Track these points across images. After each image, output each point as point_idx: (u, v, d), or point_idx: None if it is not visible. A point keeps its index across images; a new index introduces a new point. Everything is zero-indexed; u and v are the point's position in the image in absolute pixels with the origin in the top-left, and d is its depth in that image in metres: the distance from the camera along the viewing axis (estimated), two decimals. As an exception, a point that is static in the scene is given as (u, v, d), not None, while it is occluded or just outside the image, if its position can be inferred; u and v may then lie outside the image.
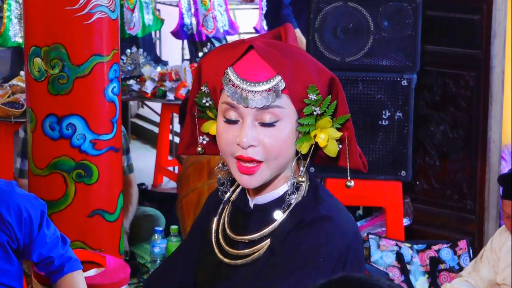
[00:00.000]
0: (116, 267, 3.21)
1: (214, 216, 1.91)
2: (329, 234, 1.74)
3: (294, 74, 1.75)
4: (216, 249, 1.87)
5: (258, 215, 1.83)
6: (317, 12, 4.30)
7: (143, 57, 6.84)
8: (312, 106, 1.76)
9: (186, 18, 7.51)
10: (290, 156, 1.79)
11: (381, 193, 4.42)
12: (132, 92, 6.31)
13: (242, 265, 1.81)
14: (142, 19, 6.90)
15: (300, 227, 1.75)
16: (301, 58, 1.77)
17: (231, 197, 1.91)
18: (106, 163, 3.50)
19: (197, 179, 4.26)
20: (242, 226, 1.85)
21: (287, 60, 1.75)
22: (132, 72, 6.70)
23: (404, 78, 4.32)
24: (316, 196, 1.81)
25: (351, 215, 1.84)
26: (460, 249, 4.31)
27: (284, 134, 1.76)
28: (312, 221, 1.75)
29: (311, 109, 1.76)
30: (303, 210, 1.78)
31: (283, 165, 1.79)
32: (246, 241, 1.82)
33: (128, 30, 6.71)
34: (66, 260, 2.77)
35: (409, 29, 4.28)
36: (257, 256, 1.79)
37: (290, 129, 1.76)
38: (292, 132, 1.77)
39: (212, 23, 7.51)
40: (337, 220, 1.76)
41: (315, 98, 1.75)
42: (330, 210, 1.78)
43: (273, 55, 1.75)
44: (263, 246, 1.79)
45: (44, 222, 2.76)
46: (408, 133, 4.34)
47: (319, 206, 1.78)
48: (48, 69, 3.37)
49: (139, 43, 7.21)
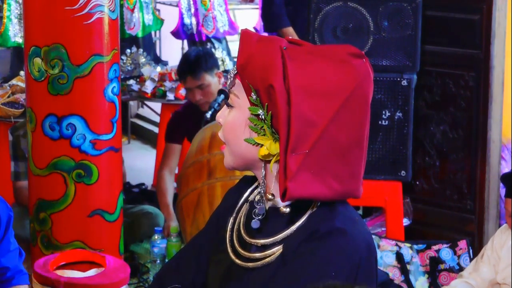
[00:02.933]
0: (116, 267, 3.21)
1: (230, 215, 1.90)
2: (342, 248, 1.72)
3: (248, 63, 1.74)
4: (229, 248, 1.86)
5: (272, 219, 1.81)
6: (317, 12, 4.30)
7: (143, 57, 6.84)
8: (256, 106, 1.74)
9: (186, 18, 7.51)
10: (242, 148, 1.77)
11: (381, 193, 4.42)
12: (132, 92, 6.32)
13: (253, 269, 1.80)
14: (142, 19, 6.91)
15: (313, 238, 1.73)
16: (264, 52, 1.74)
17: (249, 197, 1.90)
18: (106, 163, 3.50)
19: (197, 179, 4.25)
20: (256, 229, 1.83)
21: (250, 48, 1.74)
22: (132, 72, 6.70)
23: (404, 78, 4.32)
24: (332, 207, 1.78)
25: (366, 227, 1.82)
26: (460, 249, 4.31)
27: (233, 120, 1.78)
28: (326, 233, 1.73)
29: (256, 109, 1.74)
30: (318, 220, 1.76)
31: (240, 155, 1.79)
32: (258, 245, 1.81)
33: (128, 30, 6.71)
34: (17, 272, 2.75)
35: (409, 29, 4.28)
36: (268, 261, 1.78)
37: (240, 120, 1.77)
38: (241, 124, 1.77)
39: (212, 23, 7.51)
40: (350, 233, 1.73)
41: (255, 97, 1.74)
42: (344, 223, 1.75)
43: (248, 40, 1.76)
44: (274, 252, 1.78)
45: (10, 228, 2.71)
46: (408, 133, 4.34)
47: (334, 218, 1.75)
48: (48, 69, 3.37)
49: (139, 43, 7.22)
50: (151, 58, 7.14)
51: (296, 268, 1.73)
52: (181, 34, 7.63)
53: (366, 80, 1.74)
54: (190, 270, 1.96)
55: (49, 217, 3.45)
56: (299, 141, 1.70)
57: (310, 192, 1.71)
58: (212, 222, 1.99)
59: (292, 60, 1.70)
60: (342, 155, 1.73)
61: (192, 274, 1.95)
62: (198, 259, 1.96)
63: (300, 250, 1.74)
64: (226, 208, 1.95)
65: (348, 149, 1.73)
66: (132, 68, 6.73)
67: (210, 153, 4.21)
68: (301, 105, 1.69)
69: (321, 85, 1.71)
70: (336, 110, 1.70)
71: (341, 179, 1.74)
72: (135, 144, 7.75)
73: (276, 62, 1.70)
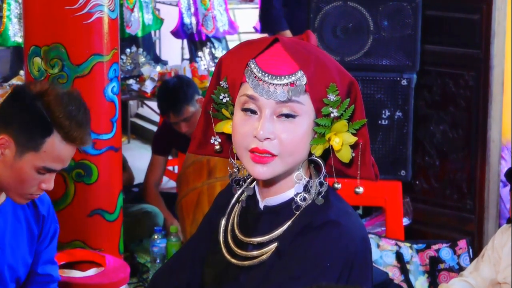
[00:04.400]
0: (116, 267, 3.22)
1: (222, 216, 1.91)
2: (336, 239, 1.73)
3: (316, 71, 1.75)
4: (224, 249, 1.86)
5: (268, 217, 1.82)
6: (317, 11, 4.29)
7: (142, 56, 6.85)
8: (330, 107, 1.75)
9: (185, 17, 7.52)
10: (304, 154, 1.79)
11: (381, 192, 4.42)
12: (132, 91, 6.32)
13: (249, 267, 1.80)
14: (141, 18, 6.91)
15: (307, 231, 1.75)
16: (324, 58, 1.78)
17: (240, 197, 1.90)
18: (106, 163, 3.50)
19: (196, 179, 4.26)
20: (251, 228, 1.84)
21: (310, 57, 1.75)
22: (132, 72, 6.70)
23: (404, 77, 4.32)
24: (325, 200, 1.80)
25: (360, 220, 1.83)
26: (459, 249, 4.30)
27: (300, 130, 1.75)
28: (320, 225, 1.74)
29: (329, 110, 1.76)
30: (312, 213, 1.77)
31: (297, 162, 1.78)
32: (255, 243, 1.81)
33: (128, 29, 6.71)
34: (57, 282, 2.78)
35: (408, 28, 4.28)
36: (265, 258, 1.79)
37: (307, 126, 1.76)
38: (308, 130, 1.77)
39: (212, 23, 7.52)
40: (345, 225, 1.75)
41: (334, 98, 1.75)
42: (338, 215, 1.77)
43: (298, 50, 1.75)
44: (271, 248, 1.79)
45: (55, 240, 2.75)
46: (407, 132, 4.34)
47: (328, 210, 1.77)
48: (47, 68, 3.37)
49: (138, 43, 7.22)
50: (151, 58, 7.14)
51: (291, 260, 1.74)
52: (181, 33, 7.64)
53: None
54: (185, 273, 1.97)
55: (49, 217, 3.45)
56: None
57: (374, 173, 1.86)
58: (204, 225, 2.00)
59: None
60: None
61: (187, 276, 1.96)
62: (193, 262, 1.96)
63: (295, 243, 1.75)
64: (217, 210, 1.95)
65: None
66: (132, 68, 6.73)
67: (210, 153, 4.21)
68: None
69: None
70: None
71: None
72: (135, 144, 7.74)
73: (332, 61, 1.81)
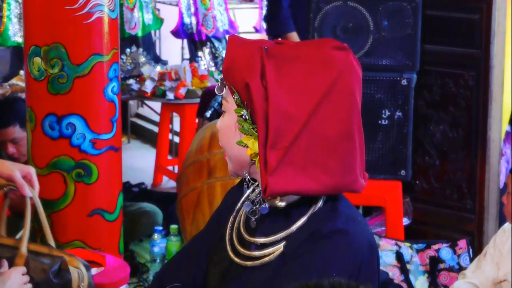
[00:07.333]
0: (116, 267, 3.21)
1: (231, 213, 1.91)
2: (344, 248, 1.72)
3: (231, 66, 1.75)
4: (229, 246, 1.86)
5: (272, 218, 1.82)
6: (317, 11, 4.30)
7: (142, 56, 6.84)
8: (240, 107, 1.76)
9: (185, 17, 7.51)
10: (235, 151, 1.79)
11: (381, 192, 4.42)
12: (132, 91, 6.31)
13: (252, 267, 1.80)
14: (141, 18, 6.91)
15: (315, 238, 1.73)
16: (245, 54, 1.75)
17: (250, 196, 1.89)
18: (106, 163, 3.50)
19: (196, 179, 4.26)
20: (256, 228, 1.83)
21: (234, 52, 1.76)
22: (132, 72, 6.70)
23: (404, 77, 4.32)
24: (334, 207, 1.78)
25: (368, 228, 1.81)
26: (459, 249, 4.30)
27: (226, 125, 1.80)
28: (328, 234, 1.73)
29: (240, 110, 1.76)
30: (320, 220, 1.76)
31: (234, 158, 1.80)
32: (258, 244, 1.81)
33: (128, 29, 6.71)
34: None
35: (408, 28, 4.28)
36: (268, 260, 1.78)
37: (232, 123, 1.78)
38: (231, 127, 1.78)
39: (212, 23, 7.52)
40: (352, 234, 1.74)
41: (236, 98, 1.76)
42: (346, 223, 1.75)
43: (233, 44, 1.77)
44: (275, 250, 1.78)
45: None
46: (407, 132, 4.34)
47: (336, 219, 1.75)
48: (47, 68, 3.37)
49: (138, 43, 7.22)
50: (151, 58, 7.14)
51: (297, 268, 1.73)
52: (181, 33, 7.64)
53: (348, 72, 1.76)
54: (190, 269, 1.96)
55: (49, 217, 3.45)
56: (278, 136, 1.70)
57: (293, 186, 1.71)
58: (213, 221, 1.99)
59: (271, 58, 1.72)
60: (330, 148, 1.72)
61: (193, 272, 1.96)
62: (199, 258, 1.96)
63: (301, 250, 1.74)
64: (227, 207, 1.95)
65: (336, 141, 1.73)
66: (132, 68, 6.73)
67: (210, 153, 4.21)
68: (279, 101, 1.69)
69: (300, 80, 1.72)
70: (316, 103, 1.71)
71: (331, 172, 1.73)
72: (135, 144, 7.75)
73: (255, 61, 1.72)
